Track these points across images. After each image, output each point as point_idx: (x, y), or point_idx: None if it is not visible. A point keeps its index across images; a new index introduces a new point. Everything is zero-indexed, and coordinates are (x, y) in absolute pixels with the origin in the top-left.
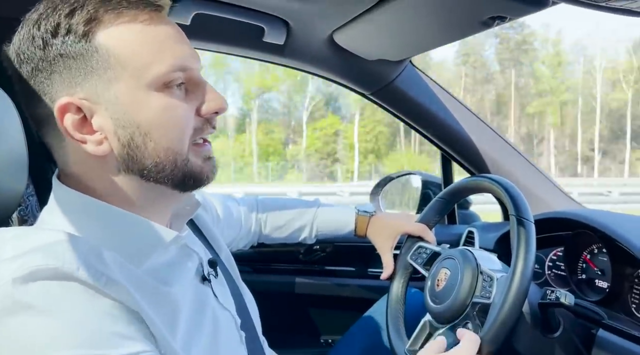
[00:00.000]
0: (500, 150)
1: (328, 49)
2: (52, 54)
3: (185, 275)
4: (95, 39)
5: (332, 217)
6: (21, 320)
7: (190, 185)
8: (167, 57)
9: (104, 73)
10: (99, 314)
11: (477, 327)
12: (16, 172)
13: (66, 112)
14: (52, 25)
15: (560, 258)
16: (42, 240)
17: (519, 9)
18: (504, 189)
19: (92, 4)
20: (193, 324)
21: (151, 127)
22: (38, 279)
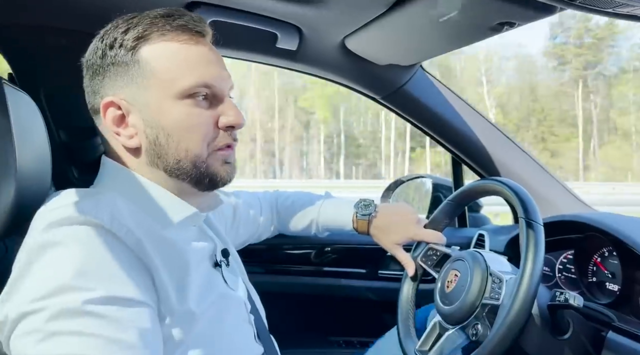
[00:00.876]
0: (510, 154)
1: (340, 54)
2: (107, 62)
3: (199, 253)
4: (139, 53)
5: (333, 215)
6: (50, 252)
7: (206, 185)
8: (193, 75)
9: (141, 81)
10: (112, 257)
11: (486, 328)
12: (40, 174)
13: (109, 108)
14: (111, 40)
15: (570, 261)
16: (78, 196)
17: (527, 15)
18: (513, 192)
19: (143, 24)
20: (200, 295)
21: (173, 130)
22: (69, 224)
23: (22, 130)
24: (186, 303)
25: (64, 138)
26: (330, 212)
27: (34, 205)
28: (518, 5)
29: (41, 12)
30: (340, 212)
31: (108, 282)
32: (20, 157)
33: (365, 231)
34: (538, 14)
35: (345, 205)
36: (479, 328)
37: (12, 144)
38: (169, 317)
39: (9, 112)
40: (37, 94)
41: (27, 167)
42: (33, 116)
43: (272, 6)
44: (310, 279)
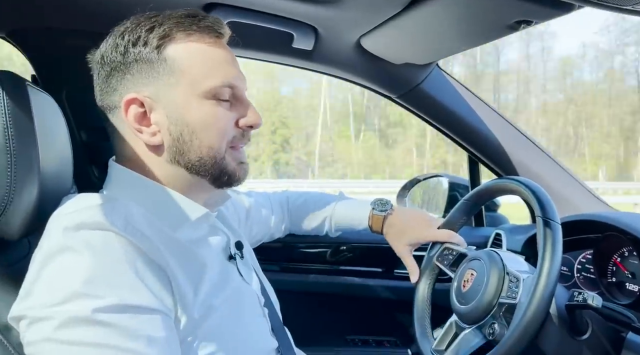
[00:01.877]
0: (528, 152)
1: (355, 53)
2: (130, 59)
3: (213, 248)
4: (165, 51)
5: (348, 212)
6: (63, 257)
7: (224, 182)
8: (219, 75)
9: (167, 79)
10: (126, 264)
11: (503, 327)
12: (62, 174)
13: (131, 105)
14: (134, 37)
15: (589, 261)
16: (93, 200)
17: (545, 13)
18: (530, 191)
19: (168, 23)
20: (216, 289)
21: (198, 127)
22: (83, 229)
23: (44, 130)
24: (203, 300)
25: (85, 138)
26: (345, 210)
27: (56, 203)
28: (535, 3)
29: (63, 15)
30: (355, 210)
31: (119, 290)
32: (43, 157)
33: (379, 229)
34: (556, 12)
35: (360, 203)
36: (495, 327)
37: (35, 144)
38: (186, 317)
39: (32, 113)
40: (59, 95)
41: (50, 166)
42: (55, 117)
43: (288, 6)
44: (326, 278)
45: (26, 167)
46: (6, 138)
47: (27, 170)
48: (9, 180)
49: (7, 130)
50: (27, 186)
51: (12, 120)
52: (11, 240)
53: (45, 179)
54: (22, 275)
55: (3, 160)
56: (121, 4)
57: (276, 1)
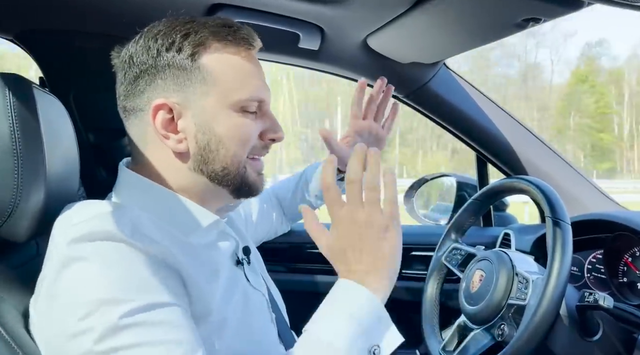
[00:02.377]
0: (536, 151)
1: (362, 53)
2: (162, 64)
3: (222, 253)
4: (200, 59)
5: (318, 170)
6: (76, 268)
7: (244, 192)
8: (250, 88)
9: (199, 87)
10: (139, 268)
11: (512, 328)
12: (69, 175)
13: (159, 110)
14: (169, 42)
15: (600, 261)
16: (102, 208)
17: (553, 11)
18: (540, 190)
19: (204, 32)
20: (226, 295)
21: (225, 137)
22: (92, 239)
23: (51, 133)
24: (216, 306)
25: (92, 140)
26: (314, 170)
27: (63, 205)
28: (544, 1)
29: (71, 17)
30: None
31: (139, 292)
32: (49, 159)
33: None
34: (565, 9)
35: None
36: (504, 329)
37: (42, 147)
38: (201, 320)
39: (38, 115)
40: (67, 97)
41: (56, 168)
42: (62, 119)
43: (294, 7)
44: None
45: (33, 170)
46: (13, 141)
47: (33, 173)
48: (15, 182)
49: (14, 133)
50: (34, 188)
51: (18, 122)
52: (19, 241)
53: (52, 181)
54: (30, 276)
55: (10, 162)
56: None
57: (282, 1)
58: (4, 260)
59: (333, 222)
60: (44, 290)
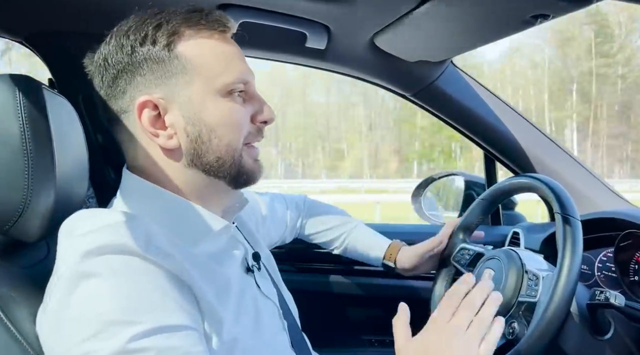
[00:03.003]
0: (545, 149)
1: (369, 52)
2: (138, 59)
3: (232, 262)
4: (176, 48)
5: (366, 238)
6: (87, 284)
7: (242, 182)
8: (233, 71)
9: (181, 77)
10: (153, 286)
11: (523, 326)
12: (78, 176)
13: (144, 108)
14: (141, 36)
15: (610, 259)
16: (111, 219)
17: (562, 7)
18: (548, 187)
19: (175, 20)
20: (238, 305)
21: (216, 126)
22: (104, 253)
23: (61, 134)
24: (227, 324)
25: (101, 140)
26: (365, 234)
27: (73, 205)
28: None
29: (80, 19)
30: (374, 236)
31: (152, 313)
32: (59, 159)
33: (393, 257)
34: (573, 5)
35: (379, 234)
36: (515, 326)
37: (52, 147)
38: (214, 335)
39: (48, 116)
40: (76, 98)
41: (66, 169)
42: (71, 120)
43: (300, 6)
44: (342, 278)
45: (43, 170)
46: (23, 141)
47: (44, 173)
48: (26, 183)
49: (24, 134)
50: (44, 189)
51: (28, 123)
52: (30, 242)
53: (62, 181)
54: (41, 277)
55: (20, 163)
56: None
57: (289, 1)
58: (15, 261)
59: (429, 327)
60: (52, 304)
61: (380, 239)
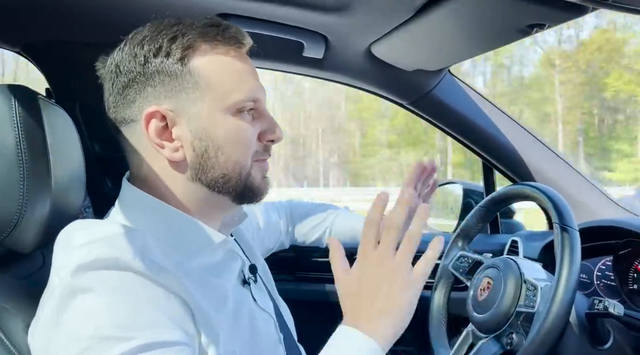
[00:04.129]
0: (543, 157)
1: (366, 61)
2: (151, 70)
3: (229, 275)
4: (190, 63)
5: (349, 224)
6: (81, 299)
7: (248, 198)
8: (245, 89)
9: (192, 92)
10: (147, 301)
11: (521, 337)
12: (75, 186)
13: (152, 119)
14: (155, 47)
15: (609, 268)
16: (106, 231)
17: (558, 16)
18: (547, 197)
19: (191, 34)
20: (234, 318)
21: (224, 142)
22: (99, 268)
23: (57, 144)
24: (223, 339)
25: (98, 150)
26: (346, 222)
27: (69, 216)
28: (548, 6)
29: (77, 29)
30: (356, 222)
31: (144, 329)
32: (55, 170)
33: None
34: (569, 15)
35: (360, 217)
36: (513, 337)
37: (47, 158)
38: (211, 348)
39: (44, 126)
40: (73, 108)
41: (62, 179)
42: (68, 130)
43: (298, 16)
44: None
45: (38, 181)
46: (19, 151)
47: (39, 184)
48: (21, 193)
49: (20, 144)
50: (39, 199)
51: (24, 133)
52: (25, 252)
53: (58, 191)
54: (36, 288)
55: (16, 173)
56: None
57: (286, 10)
58: (9, 272)
59: (359, 259)
60: (44, 317)
61: (360, 223)
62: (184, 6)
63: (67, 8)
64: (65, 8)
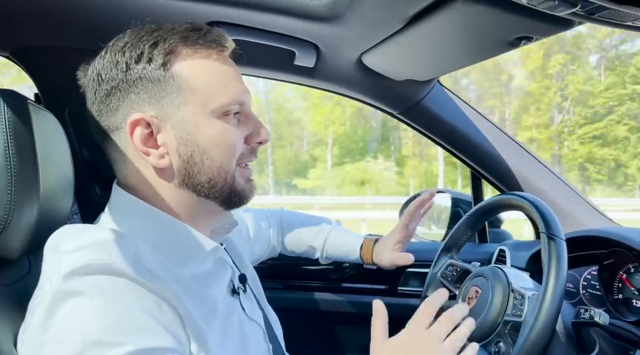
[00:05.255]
0: (530, 168)
1: (357, 70)
2: (133, 77)
3: (219, 284)
4: (172, 68)
5: (342, 241)
6: (72, 304)
7: (234, 202)
8: (229, 92)
9: (176, 97)
10: (139, 308)
11: (508, 345)
12: (63, 191)
13: (137, 126)
14: (137, 53)
15: (595, 277)
16: (98, 237)
17: (545, 29)
18: (534, 206)
19: (173, 38)
20: (224, 328)
21: (209, 147)
22: (91, 273)
23: (46, 149)
24: (215, 339)
25: (87, 155)
26: (339, 239)
27: (57, 222)
28: (536, 20)
29: (66, 34)
30: (348, 240)
31: (135, 335)
32: (43, 175)
33: (369, 256)
34: (556, 28)
35: (355, 234)
36: (501, 346)
37: (36, 163)
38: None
39: (33, 131)
40: (62, 113)
41: (51, 185)
42: (57, 135)
43: (290, 24)
44: (329, 295)
45: (26, 186)
46: (7, 156)
47: (27, 189)
48: (9, 198)
49: (8, 149)
50: (27, 205)
51: (13, 138)
52: (11, 259)
53: (46, 197)
54: (22, 294)
55: (3, 179)
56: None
57: (278, 19)
58: None
59: (407, 332)
60: (34, 322)
61: (354, 240)
62: (175, 14)
63: (58, 14)
64: (55, 14)
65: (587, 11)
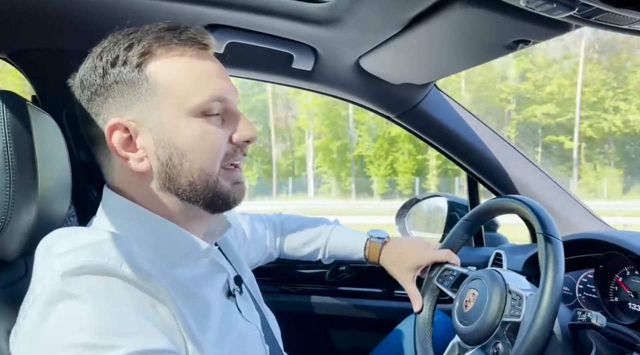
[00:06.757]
0: (526, 172)
1: (354, 74)
2: (110, 81)
3: (213, 286)
4: (146, 69)
5: (344, 241)
6: (65, 305)
7: (218, 207)
8: (206, 89)
9: (151, 99)
10: (134, 309)
11: (507, 347)
12: (61, 193)
13: (115, 131)
14: (112, 57)
15: (591, 280)
16: (92, 238)
17: (542, 33)
18: (530, 208)
19: (147, 39)
20: (219, 332)
21: (187, 149)
22: (84, 273)
23: (44, 151)
24: (209, 343)
25: (84, 158)
26: (341, 239)
27: (54, 224)
28: (533, 23)
29: (64, 36)
30: (351, 239)
31: (131, 337)
32: (42, 177)
33: (376, 259)
34: (553, 31)
35: (356, 233)
36: (499, 347)
37: (34, 165)
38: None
39: (32, 133)
40: (60, 115)
41: (49, 187)
42: (55, 137)
43: (288, 28)
44: (326, 299)
45: (25, 187)
46: (6, 157)
47: (26, 191)
48: (7, 200)
49: (7, 150)
50: (25, 206)
51: (12, 140)
52: (8, 261)
53: (44, 199)
54: (19, 296)
55: (2, 180)
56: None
57: (276, 22)
58: None
59: None
60: (26, 326)
61: (357, 241)
62: (172, 17)
63: (55, 16)
64: (53, 16)
65: (585, 14)
